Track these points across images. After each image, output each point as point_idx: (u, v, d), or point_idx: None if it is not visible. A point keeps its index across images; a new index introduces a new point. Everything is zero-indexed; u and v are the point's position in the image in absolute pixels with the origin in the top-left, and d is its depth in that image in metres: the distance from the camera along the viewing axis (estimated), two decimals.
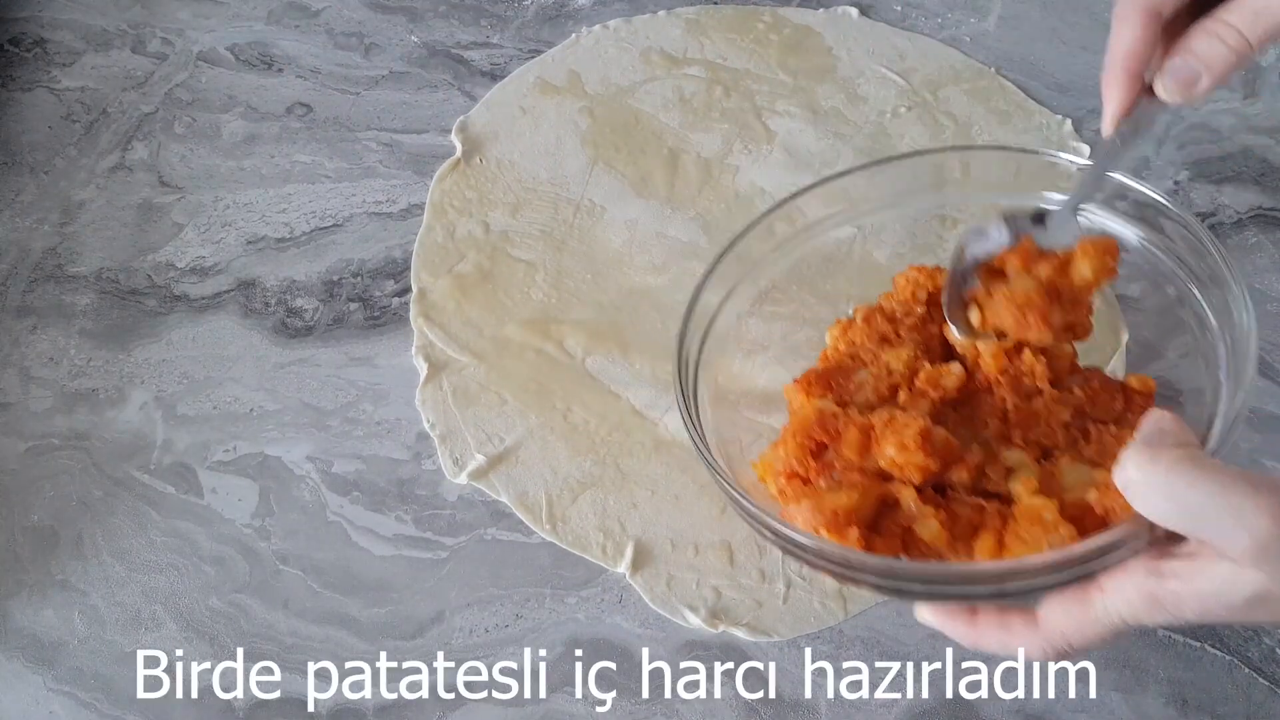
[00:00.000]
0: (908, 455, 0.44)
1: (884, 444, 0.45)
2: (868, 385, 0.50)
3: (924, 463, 0.44)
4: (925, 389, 0.49)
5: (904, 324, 0.52)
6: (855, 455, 0.45)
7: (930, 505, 0.44)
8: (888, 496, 0.45)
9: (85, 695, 0.51)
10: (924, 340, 0.52)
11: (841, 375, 0.51)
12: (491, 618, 0.53)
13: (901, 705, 0.51)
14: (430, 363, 0.60)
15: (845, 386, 0.51)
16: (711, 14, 0.75)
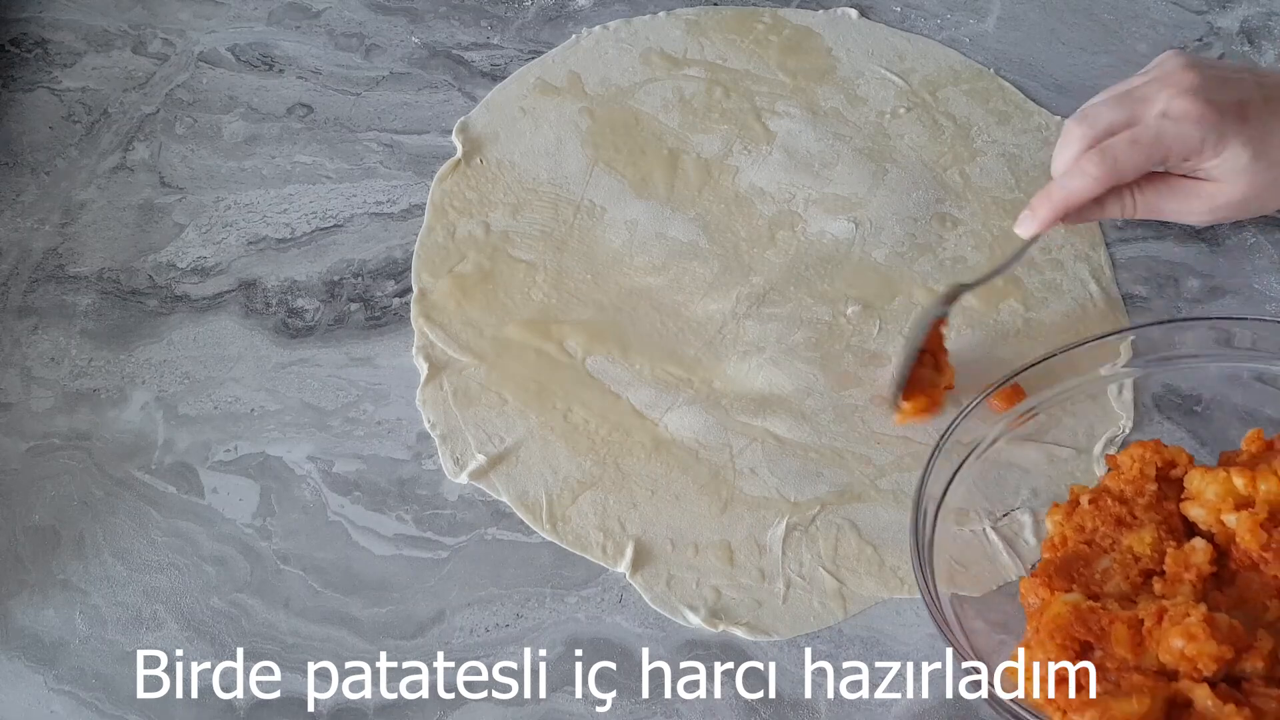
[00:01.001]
0: (1198, 645, 0.41)
1: (1168, 637, 0.42)
2: (1115, 573, 0.48)
3: (1218, 651, 0.41)
4: (1179, 571, 0.46)
5: (1137, 504, 0.50)
6: (1129, 653, 0.43)
7: (1229, 702, 0.41)
8: (1178, 698, 0.42)
9: (86, 695, 0.52)
10: (1163, 519, 0.49)
11: (1082, 564, 0.48)
12: (492, 617, 0.53)
13: (901, 705, 0.51)
14: (431, 363, 0.61)
15: (1089, 576, 0.48)
16: (711, 15, 0.75)
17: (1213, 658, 0.41)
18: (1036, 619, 0.47)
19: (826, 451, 0.58)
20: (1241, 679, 0.43)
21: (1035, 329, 0.62)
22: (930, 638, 0.53)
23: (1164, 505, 0.50)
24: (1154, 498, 0.50)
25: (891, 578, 0.54)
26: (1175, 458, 0.51)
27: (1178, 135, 0.52)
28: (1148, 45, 0.74)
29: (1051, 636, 0.45)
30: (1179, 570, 0.47)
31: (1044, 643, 0.45)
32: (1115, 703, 0.41)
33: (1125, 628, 0.43)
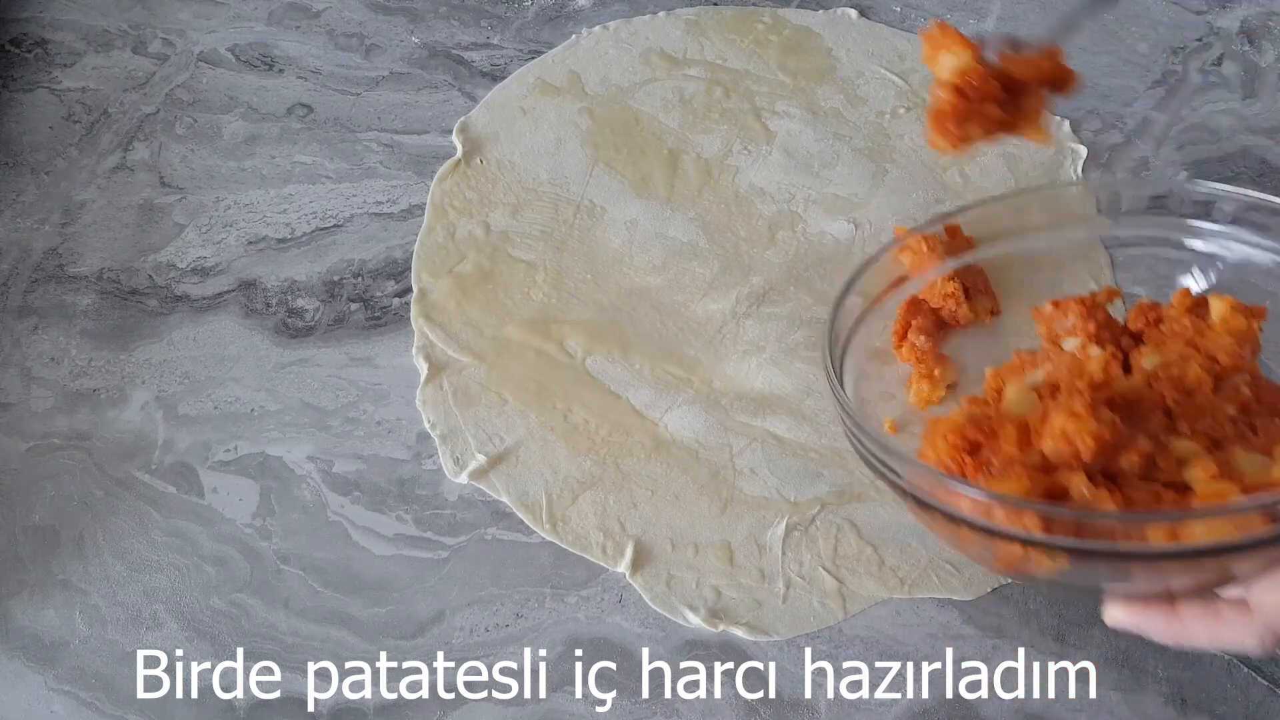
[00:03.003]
0: (1079, 423, 0.42)
1: (1052, 421, 0.43)
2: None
3: (1097, 430, 0.42)
4: (1073, 380, 0.47)
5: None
6: (1014, 448, 0.44)
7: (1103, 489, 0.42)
8: (1055, 488, 0.42)
9: (86, 695, 0.52)
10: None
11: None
12: (491, 617, 0.54)
13: (901, 705, 0.51)
14: (431, 363, 0.61)
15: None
16: (711, 15, 0.75)
17: (1092, 435, 0.42)
18: (931, 430, 0.48)
19: (826, 451, 0.58)
20: (1119, 475, 0.44)
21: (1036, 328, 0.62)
22: (930, 638, 0.53)
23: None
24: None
25: (891, 578, 0.54)
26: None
27: None
28: (1148, 45, 0.74)
29: (944, 437, 0.46)
30: (1071, 379, 0.48)
31: (935, 442, 0.46)
32: (998, 482, 0.42)
33: (1013, 427, 0.45)
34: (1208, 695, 0.51)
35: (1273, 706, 0.51)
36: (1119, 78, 0.72)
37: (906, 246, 0.58)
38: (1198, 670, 0.52)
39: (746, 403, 0.59)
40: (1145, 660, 0.52)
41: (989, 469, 0.44)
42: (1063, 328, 0.53)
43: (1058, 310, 0.54)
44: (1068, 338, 0.53)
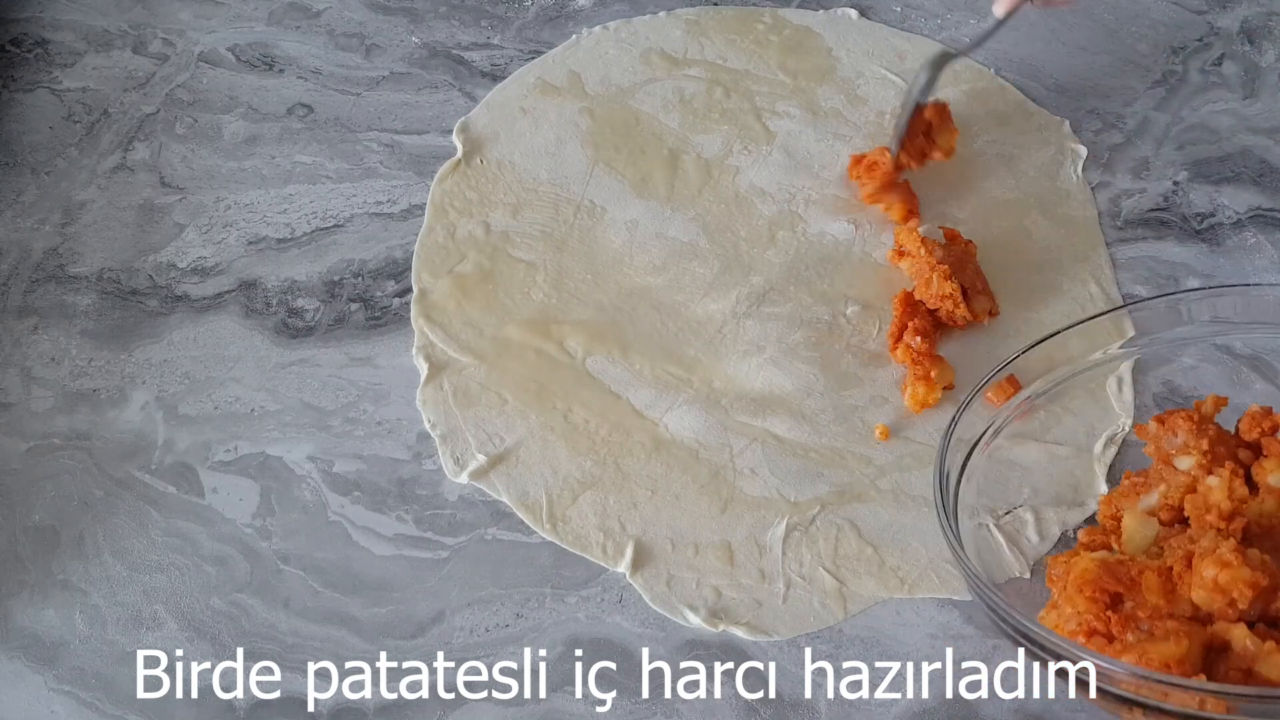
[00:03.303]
0: (1232, 572, 0.41)
1: (1200, 569, 0.42)
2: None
3: (1252, 577, 0.41)
4: (1200, 514, 0.47)
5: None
6: (1162, 600, 0.43)
7: (1267, 640, 0.41)
8: (1215, 641, 0.41)
9: (86, 695, 0.52)
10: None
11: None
12: (492, 617, 0.53)
13: (901, 705, 0.51)
14: (431, 363, 0.61)
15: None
16: (712, 15, 0.75)
17: (1248, 584, 0.41)
18: (1062, 579, 0.46)
19: (826, 451, 0.58)
20: (1277, 620, 0.42)
21: (1035, 329, 0.62)
22: (930, 638, 0.53)
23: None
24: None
25: (891, 578, 0.54)
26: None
27: None
28: (1148, 45, 0.74)
29: (1080, 590, 0.44)
30: (1200, 513, 0.46)
31: (1072, 597, 0.44)
32: (1154, 645, 0.41)
33: (1155, 575, 0.43)
34: None
35: None
36: (1119, 78, 0.72)
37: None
38: None
39: (746, 403, 0.59)
40: None
41: (1137, 624, 0.42)
42: (1172, 445, 0.51)
43: (1164, 427, 0.51)
44: (1180, 456, 0.50)
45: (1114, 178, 0.68)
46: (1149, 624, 0.42)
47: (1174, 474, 0.50)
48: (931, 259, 0.60)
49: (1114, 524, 0.51)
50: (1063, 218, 0.66)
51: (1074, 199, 0.67)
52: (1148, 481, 0.51)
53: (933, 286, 0.60)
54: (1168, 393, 0.60)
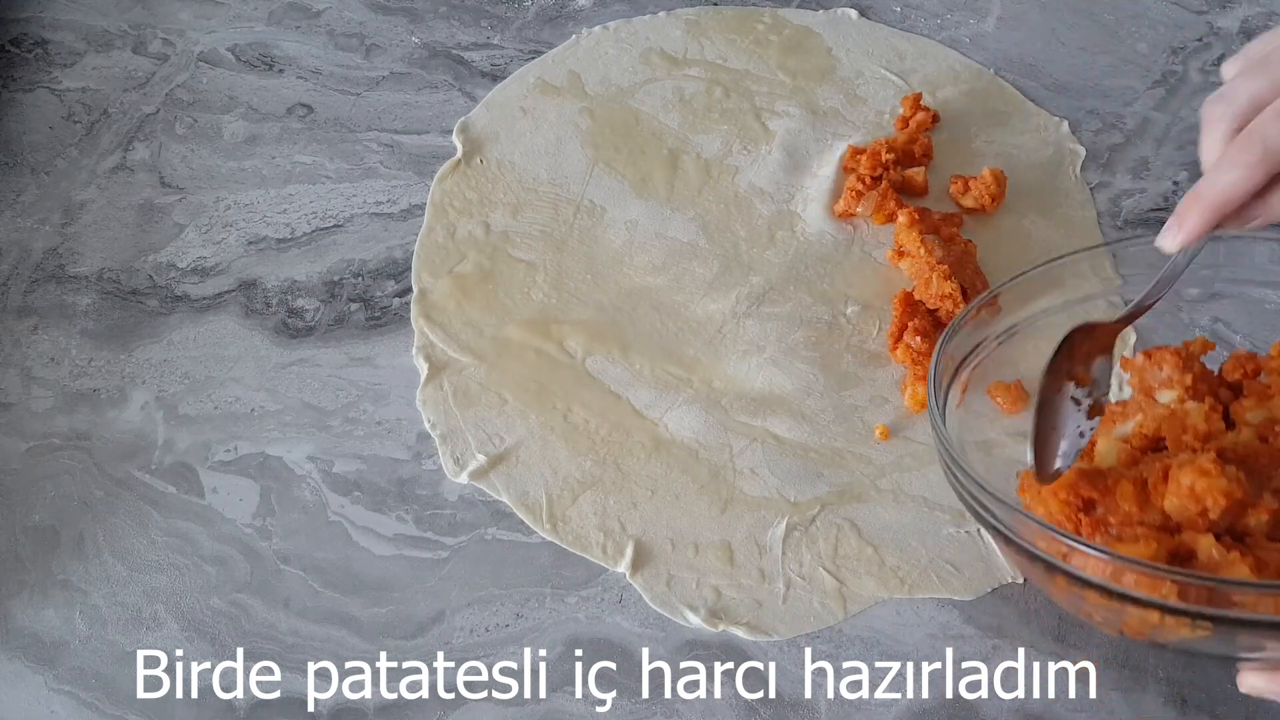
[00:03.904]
0: (1209, 481, 0.41)
1: (1177, 478, 0.42)
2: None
3: (1227, 487, 0.41)
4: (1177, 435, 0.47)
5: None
6: (1134, 507, 0.43)
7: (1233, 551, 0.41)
8: (1181, 549, 0.42)
9: (86, 695, 0.52)
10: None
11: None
12: (492, 617, 0.54)
13: (901, 705, 0.51)
14: (431, 363, 0.61)
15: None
16: (711, 15, 0.75)
17: (1222, 493, 0.41)
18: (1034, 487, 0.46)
19: (826, 451, 0.58)
20: (1245, 534, 0.42)
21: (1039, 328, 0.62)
22: (930, 638, 0.53)
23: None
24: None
25: (891, 578, 0.54)
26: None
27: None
28: (1148, 45, 0.74)
29: (1055, 494, 0.44)
30: (1177, 434, 0.47)
31: (1046, 500, 0.44)
32: (1121, 547, 0.41)
33: (1130, 484, 0.43)
34: (1208, 695, 0.51)
35: (1273, 707, 0.51)
36: (1119, 78, 0.72)
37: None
38: (1198, 670, 0.52)
39: (747, 403, 0.59)
40: (1145, 660, 0.52)
41: (1107, 529, 0.43)
42: (1156, 379, 0.51)
43: (1150, 361, 0.51)
44: (1163, 390, 0.50)
45: (1114, 178, 0.68)
46: (1118, 529, 0.43)
47: (1154, 405, 0.50)
48: (931, 259, 0.60)
49: (1088, 447, 0.51)
50: (1062, 218, 0.66)
51: (1073, 199, 0.67)
52: (1126, 411, 0.51)
53: (933, 286, 0.60)
54: None
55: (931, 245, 0.61)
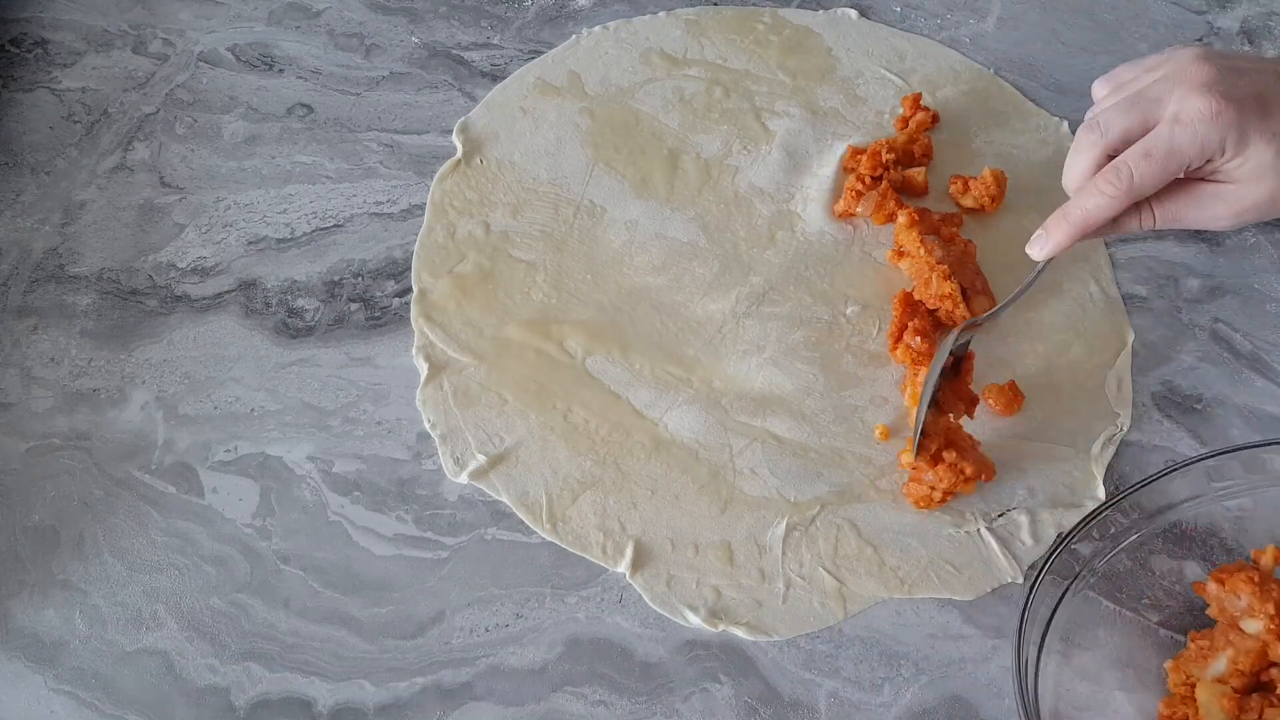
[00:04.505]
0: None
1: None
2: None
3: None
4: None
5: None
6: None
7: None
8: None
9: (86, 695, 0.52)
10: None
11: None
12: (492, 617, 0.54)
13: (901, 705, 0.51)
14: (431, 363, 0.61)
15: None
16: (711, 15, 0.75)
17: None
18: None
19: (826, 451, 0.58)
20: None
21: (1035, 329, 0.62)
22: (930, 638, 0.53)
23: None
24: None
25: (891, 577, 0.54)
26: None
27: (1192, 140, 0.49)
28: (1148, 45, 0.74)
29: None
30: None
31: None
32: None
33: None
34: None
35: None
36: None
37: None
38: None
39: (746, 403, 0.59)
40: (1149, 660, 0.52)
41: None
42: (1236, 607, 0.49)
43: (1225, 589, 0.50)
44: (1247, 619, 0.49)
45: None
46: None
47: (1241, 638, 0.49)
48: (931, 259, 0.60)
49: (1187, 691, 0.50)
50: None
51: None
52: (1214, 645, 0.50)
53: (932, 286, 0.60)
54: (1166, 392, 0.60)
55: (931, 245, 0.61)
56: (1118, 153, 0.52)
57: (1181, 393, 0.60)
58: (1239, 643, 0.49)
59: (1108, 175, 0.51)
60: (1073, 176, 0.54)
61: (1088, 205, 0.52)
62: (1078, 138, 0.53)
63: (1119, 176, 0.51)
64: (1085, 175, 0.53)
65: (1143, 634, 0.53)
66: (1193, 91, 0.50)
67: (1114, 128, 0.52)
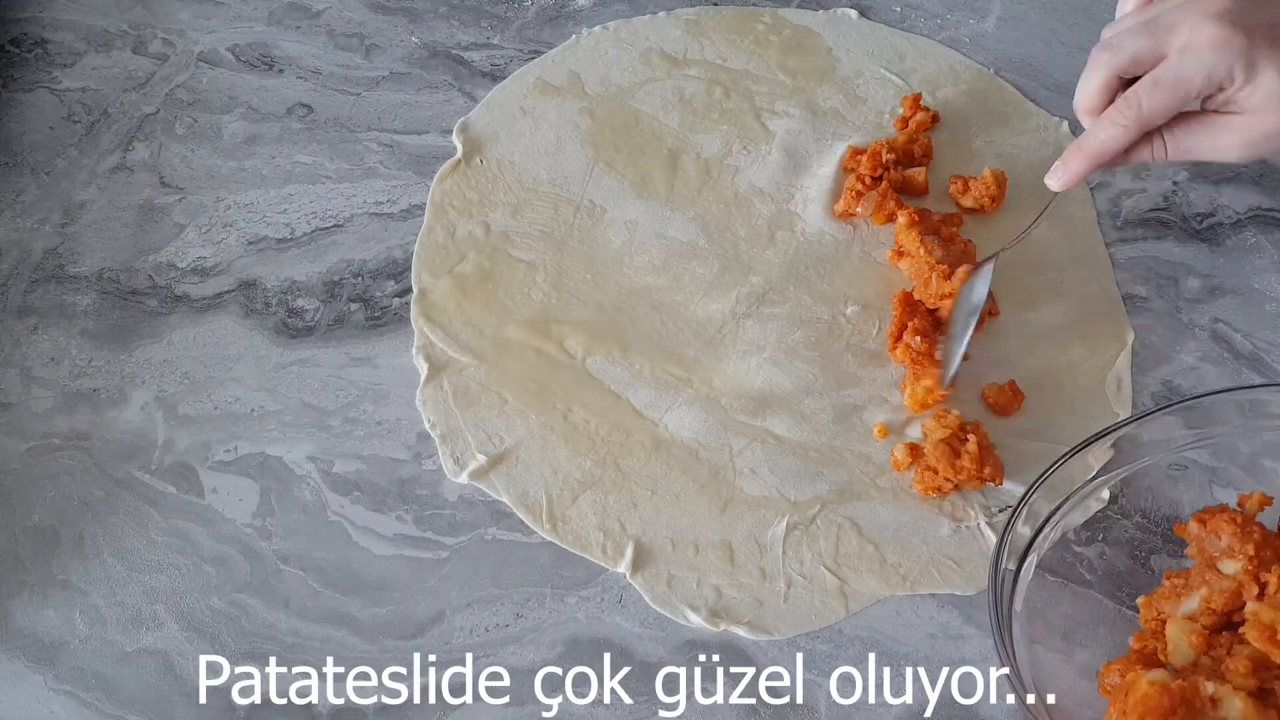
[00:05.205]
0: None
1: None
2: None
3: None
4: (1266, 638, 0.46)
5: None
6: None
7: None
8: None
9: (86, 695, 0.52)
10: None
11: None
12: (492, 617, 0.54)
13: (901, 705, 0.51)
14: (431, 363, 0.61)
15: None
16: (711, 15, 0.75)
17: None
18: (1119, 697, 0.46)
19: (826, 450, 0.58)
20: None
21: (1035, 328, 0.62)
22: (930, 638, 0.53)
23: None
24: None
25: (893, 575, 0.54)
26: None
27: (1199, 68, 0.49)
28: None
29: (1135, 710, 0.44)
30: (1266, 636, 0.46)
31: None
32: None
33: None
34: None
35: None
36: None
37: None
38: None
39: (746, 402, 0.59)
40: None
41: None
42: (1216, 548, 0.49)
43: (1207, 529, 0.50)
44: (1225, 560, 0.49)
45: (1114, 178, 0.68)
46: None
47: (1218, 578, 0.49)
48: (931, 259, 0.60)
49: (1157, 627, 0.50)
50: (1062, 218, 0.66)
51: (1073, 199, 0.67)
52: (1189, 584, 0.50)
53: (932, 286, 0.60)
54: (1166, 392, 0.60)
55: (931, 245, 0.61)
56: (1128, 74, 0.52)
57: (1181, 392, 0.60)
58: (1214, 582, 0.49)
59: (1119, 106, 0.52)
60: (1083, 96, 0.54)
61: (1100, 136, 0.53)
62: (1091, 57, 0.53)
63: (1129, 106, 0.51)
64: (1094, 94, 0.53)
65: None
66: (1205, 19, 0.49)
67: (1125, 49, 0.51)
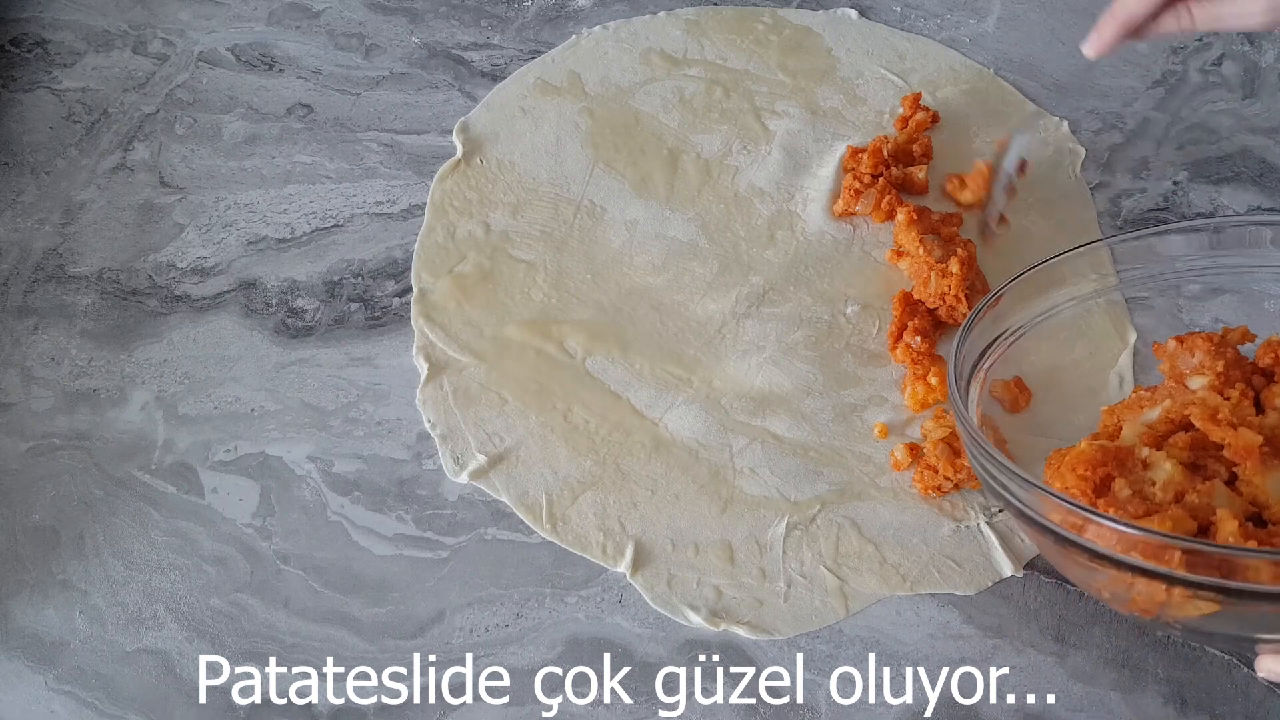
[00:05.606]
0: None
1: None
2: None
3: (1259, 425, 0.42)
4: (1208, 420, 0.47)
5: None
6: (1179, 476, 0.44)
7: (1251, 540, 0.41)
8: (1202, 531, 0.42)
9: (86, 695, 0.52)
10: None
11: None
12: (492, 617, 0.54)
13: (901, 705, 0.51)
14: (431, 363, 0.61)
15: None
16: (711, 15, 0.75)
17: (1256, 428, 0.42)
18: (1056, 464, 0.47)
19: (826, 450, 0.58)
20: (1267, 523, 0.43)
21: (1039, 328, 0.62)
22: (930, 638, 0.53)
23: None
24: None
25: (893, 574, 0.54)
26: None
27: None
28: (1148, 45, 0.74)
29: (1073, 469, 0.44)
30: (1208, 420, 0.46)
31: (1064, 475, 0.45)
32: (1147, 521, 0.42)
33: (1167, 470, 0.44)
34: (1208, 695, 0.51)
35: (1273, 706, 0.51)
36: (1119, 78, 0.72)
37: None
38: (1198, 670, 0.52)
39: (746, 402, 0.59)
40: (1145, 660, 0.52)
41: (1120, 507, 0.43)
42: (1188, 365, 0.51)
43: (1182, 347, 0.51)
44: (1194, 376, 0.50)
45: (1114, 178, 0.68)
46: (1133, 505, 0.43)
47: (1183, 392, 0.50)
48: (930, 258, 0.60)
49: (1114, 432, 0.51)
50: (1062, 218, 0.66)
51: (1073, 199, 0.67)
52: (1155, 397, 0.50)
53: (932, 286, 0.60)
54: None
55: (931, 245, 0.61)
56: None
57: None
58: (1179, 395, 0.50)
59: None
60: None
61: (1129, 3, 0.55)
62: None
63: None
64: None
65: (1140, 634, 0.53)
66: None
67: None
